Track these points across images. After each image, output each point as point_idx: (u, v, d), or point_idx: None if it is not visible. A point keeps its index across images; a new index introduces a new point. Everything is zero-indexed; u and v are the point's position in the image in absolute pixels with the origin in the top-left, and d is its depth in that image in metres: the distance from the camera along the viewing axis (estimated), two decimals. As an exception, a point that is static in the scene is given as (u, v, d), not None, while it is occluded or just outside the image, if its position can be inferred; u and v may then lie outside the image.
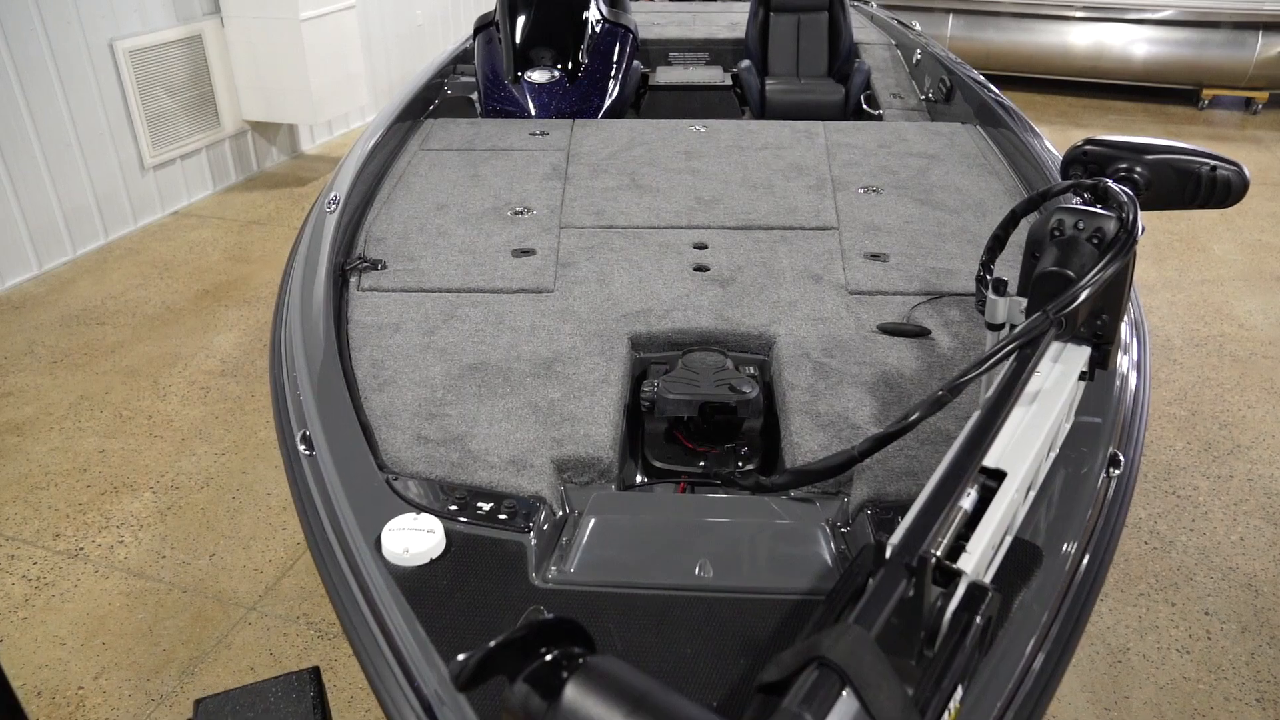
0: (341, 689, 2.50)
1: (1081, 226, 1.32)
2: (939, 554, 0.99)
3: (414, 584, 1.25)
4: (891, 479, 1.48)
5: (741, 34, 4.98)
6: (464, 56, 4.13)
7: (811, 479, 1.42)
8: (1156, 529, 3.09)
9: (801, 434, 1.61)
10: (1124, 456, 1.47)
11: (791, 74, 4.72)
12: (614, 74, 3.75)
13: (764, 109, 4.42)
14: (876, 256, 2.26)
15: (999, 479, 1.13)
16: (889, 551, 0.95)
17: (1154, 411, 3.72)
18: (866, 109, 4.23)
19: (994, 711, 1.07)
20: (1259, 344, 4.27)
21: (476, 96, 3.76)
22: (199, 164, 5.82)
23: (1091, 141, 1.62)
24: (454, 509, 1.40)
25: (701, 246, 2.33)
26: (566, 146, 3.03)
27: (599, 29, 3.81)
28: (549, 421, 1.65)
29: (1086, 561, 1.28)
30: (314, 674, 1.31)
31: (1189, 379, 3.97)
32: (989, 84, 3.62)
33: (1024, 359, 1.21)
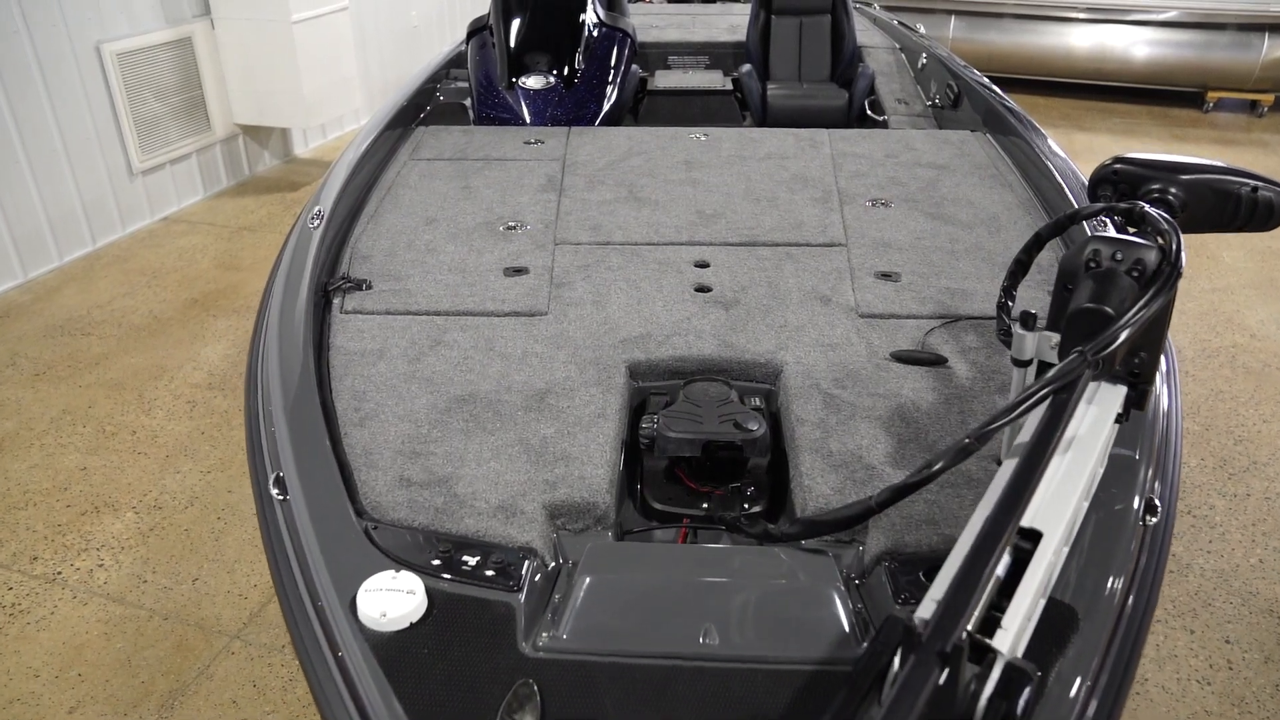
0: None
1: (1120, 258, 1.21)
2: (971, 628, 0.89)
3: (392, 652, 1.15)
4: (910, 527, 1.38)
5: (742, 37, 4.87)
6: (458, 61, 4.01)
7: (824, 530, 1.32)
8: (1172, 551, 2.99)
9: (812, 475, 1.51)
10: (1160, 503, 1.36)
11: (793, 78, 4.61)
12: (611, 80, 3.64)
13: (765, 114, 4.31)
14: (887, 276, 2.16)
15: (1034, 539, 1.03)
16: (917, 631, 0.85)
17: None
18: (871, 114, 4.13)
19: None
20: (1272, 355, 4.16)
21: (470, 103, 3.65)
22: (189, 169, 5.71)
23: (1122, 160, 1.51)
24: (437, 563, 1.29)
25: (703, 265, 2.22)
26: (562, 156, 2.93)
27: (596, 33, 3.70)
28: (541, 461, 1.54)
29: (1125, 624, 1.18)
30: None
31: (1201, 391, 3.87)
32: (997, 89, 3.52)
33: (1059, 404, 1.11)
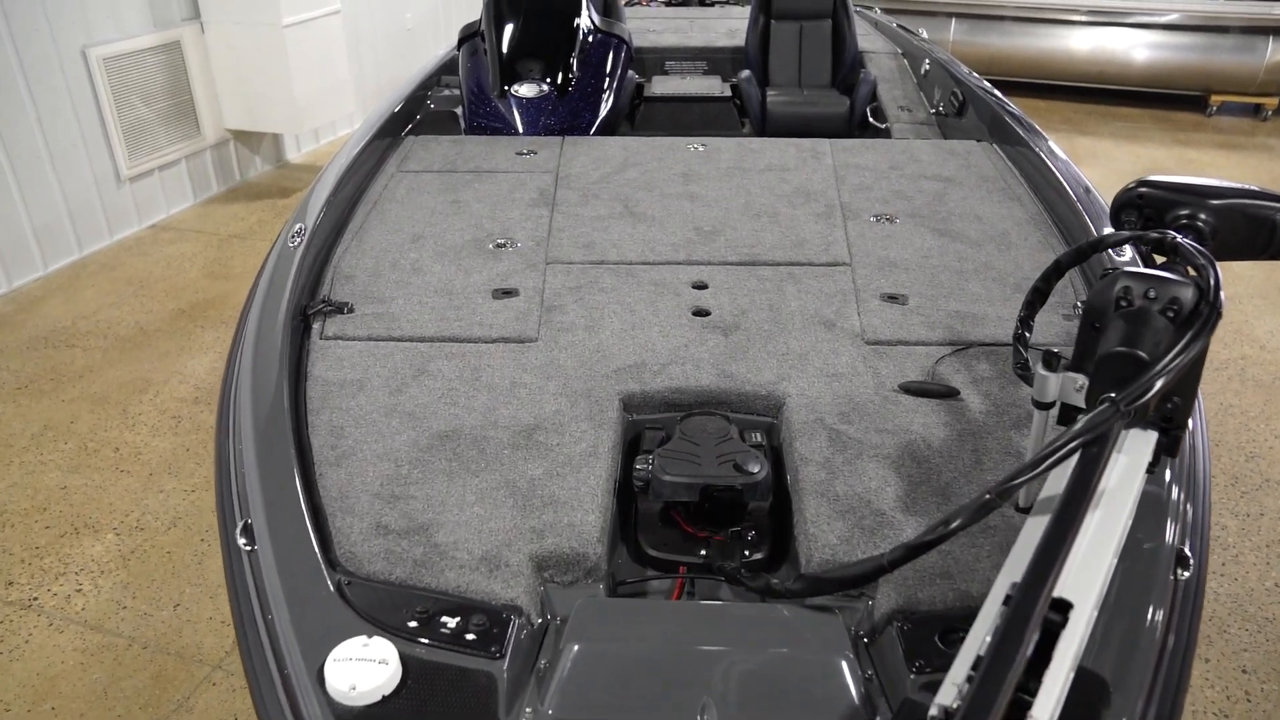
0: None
1: (1154, 296, 1.12)
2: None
3: None
4: (923, 582, 1.28)
5: (741, 42, 4.77)
6: (450, 67, 3.91)
7: (831, 589, 1.22)
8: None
9: (818, 522, 1.41)
10: (1192, 554, 1.27)
11: (794, 84, 4.51)
12: (606, 87, 3.54)
13: (765, 122, 4.22)
14: (894, 298, 2.06)
15: (1064, 609, 0.94)
16: None
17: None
18: (873, 122, 4.03)
19: None
20: (1283, 368, 4.08)
21: (461, 111, 3.55)
22: (178, 175, 5.61)
23: (1147, 183, 1.42)
24: (414, 625, 1.20)
25: (701, 286, 2.13)
26: (555, 168, 2.83)
27: (590, 39, 3.60)
28: (528, 506, 1.44)
29: (1158, 697, 1.08)
30: None
31: (1211, 406, 3.78)
32: (1002, 96, 3.42)
33: (1089, 458, 1.02)
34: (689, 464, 1.47)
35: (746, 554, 1.47)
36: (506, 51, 3.50)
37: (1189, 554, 1.27)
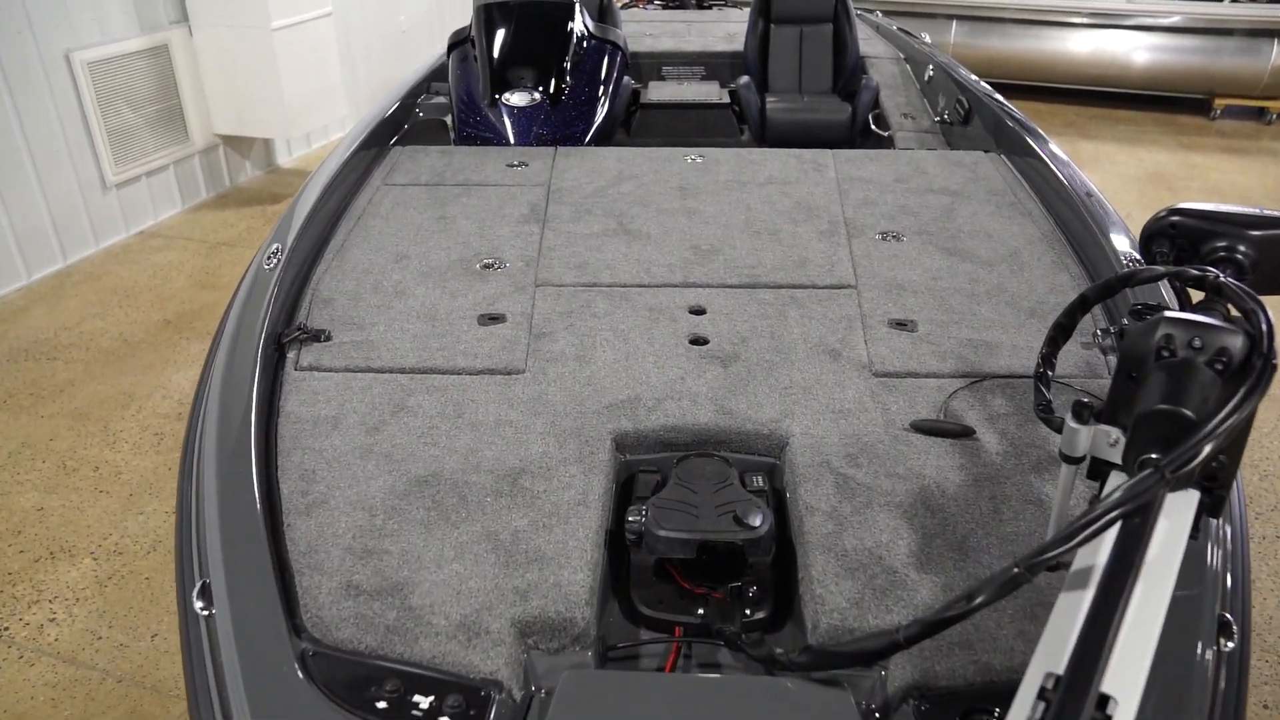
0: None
1: (1199, 345, 1.01)
2: None
3: None
4: (941, 653, 1.18)
5: (739, 46, 4.66)
6: (439, 73, 3.80)
7: (840, 664, 1.12)
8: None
9: (824, 582, 1.30)
10: (1235, 621, 1.17)
11: (794, 90, 4.41)
12: (600, 95, 3.43)
13: (764, 129, 4.11)
14: (902, 325, 1.95)
15: (1105, 703, 0.83)
16: None
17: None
18: (875, 129, 3.92)
19: None
20: (1296, 382, 3.97)
21: (450, 120, 3.44)
22: (166, 181, 5.49)
23: (1179, 211, 1.31)
24: (383, 707, 1.09)
25: (698, 311, 2.02)
26: (547, 180, 2.72)
27: (584, 46, 3.49)
28: (511, 563, 1.33)
29: None
30: None
31: (1223, 423, 3.67)
32: (1008, 104, 3.32)
33: (1131, 529, 0.92)
34: (685, 516, 1.36)
35: (748, 613, 1.37)
36: (497, 58, 3.39)
37: (1233, 623, 1.16)
